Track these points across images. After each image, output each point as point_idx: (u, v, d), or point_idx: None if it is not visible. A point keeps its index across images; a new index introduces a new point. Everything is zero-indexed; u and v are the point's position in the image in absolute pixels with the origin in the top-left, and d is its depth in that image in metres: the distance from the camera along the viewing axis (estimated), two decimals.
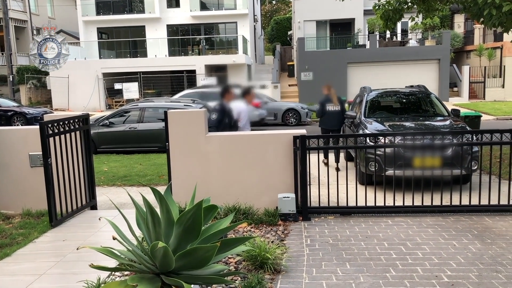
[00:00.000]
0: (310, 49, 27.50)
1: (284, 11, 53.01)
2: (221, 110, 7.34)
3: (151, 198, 3.47)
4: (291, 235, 5.45)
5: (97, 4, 30.02)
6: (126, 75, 26.24)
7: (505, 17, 7.42)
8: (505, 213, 5.92)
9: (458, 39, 28.97)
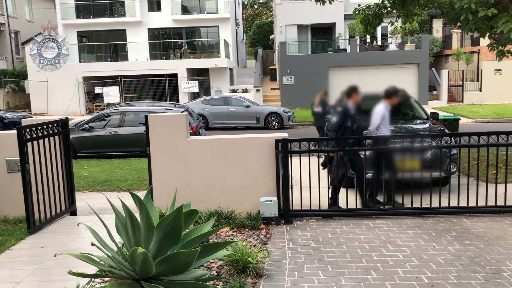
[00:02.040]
0: (291, 53, 27.65)
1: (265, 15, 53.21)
2: (343, 113, 6.60)
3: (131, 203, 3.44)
4: (273, 238, 5.45)
5: (77, 8, 29.68)
6: (107, 79, 25.97)
7: (481, 22, 7.57)
8: (483, 214, 6.03)
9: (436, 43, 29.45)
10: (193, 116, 12.85)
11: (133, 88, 27.23)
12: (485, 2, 7.21)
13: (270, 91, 29.06)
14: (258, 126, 19.15)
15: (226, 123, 19.32)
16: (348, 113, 6.59)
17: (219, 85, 27.41)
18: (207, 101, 20.04)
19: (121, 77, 26.19)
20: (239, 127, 19.38)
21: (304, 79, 26.19)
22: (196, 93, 26.12)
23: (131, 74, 26.45)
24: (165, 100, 25.88)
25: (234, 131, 18.28)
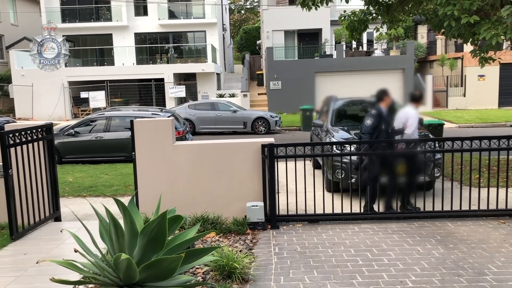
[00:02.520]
0: (278, 59, 27.76)
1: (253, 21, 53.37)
2: (377, 116, 6.60)
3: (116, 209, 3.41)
4: (260, 243, 5.45)
5: (62, 12, 29.45)
6: (93, 84, 25.77)
7: (463, 28, 7.69)
8: (467, 218, 6.10)
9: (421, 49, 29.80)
10: (180, 121, 12.82)
11: (120, 93, 27.05)
12: (467, 9, 7.32)
13: (257, 96, 29.11)
14: (245, 131, 19.15)
15: (213, 128, 19.30)
16: (382, 115, 6.62)
17: (206, 90, 27.38)
18: (194, 106, 20.00)
19: (107, 81, 26.02)
20: (226, 132, 19.36)
21: (291, 84, 26.31)
22: (183, 98, 26.06)
23: (117, 79, 26.28)
24: (152, 105, 25.77)
25: (221, 136, 18.26)
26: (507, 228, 5.70)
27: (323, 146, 6.59)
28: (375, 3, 10.28)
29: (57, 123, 21.30)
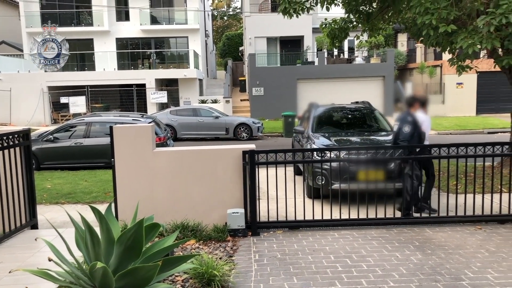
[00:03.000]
0: (261, 65, 27.86)
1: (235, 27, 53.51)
2: (413, 123, 6.66)
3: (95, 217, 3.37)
4: (240, 250, 5.44)
5: (42, 16, 29.08)
6: (73, 89, 25.46)
7: (441, 37, 7.83)
8: (444, 224, 6.19)
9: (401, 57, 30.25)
10: (161, 127, 12.74)
11: (100, 98, 26.78)
12: (445, 18, 7.47)
13: (240, 102, 29.15)
14: (227, 137, 19.14)
15: (195, 134, 19.23)
16: (416, 122, 6.70)
17: (188, 96, 27.30)
18: (176, 111, 19.91)
19: (88, 86, 25.74)
20: (208, 138, 19.31)
21: (273, 90, 26.41)
22: (165, 104, 25.92)
23: (98, 84, 26.02)
24: (133, 110, 25.56)
25: (203, 142, 18.20)
26: (483, 234, 5.80)
27: (304, 153, 6.62)
28: (355, 11, 10.42)
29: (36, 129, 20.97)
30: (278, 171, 6.35)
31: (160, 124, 13.04)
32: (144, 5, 29.45)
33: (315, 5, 10.15)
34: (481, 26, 7.03)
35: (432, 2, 7.52)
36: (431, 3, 7.52)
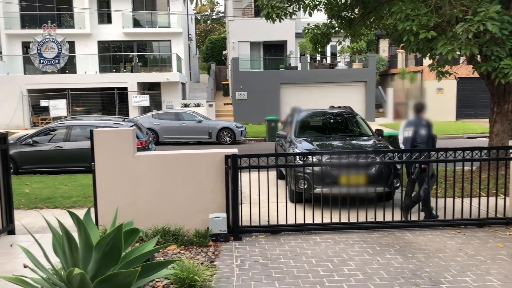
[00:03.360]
0: (244, 69, 27.88)
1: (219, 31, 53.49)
2: (429, 126, 6.91)
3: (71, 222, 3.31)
4: (222, 255, 5.40)
5: (22, 17, 28.63)
6: (54, 92, 25.07)
7: (422, 43, 7.95)
8: (425, 228, 6.25)
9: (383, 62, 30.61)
10: (143, 131, 12.62)
11: (81, 102, 26.44)
12: (425, 25, 7.58)
13: (223, 106, 29.11)
14: (210, 141, 19.07)
15: (178, 138, 19.11)
16: (430, 125, 6.95)
17: (171, 100, 27.15)
18: (158, 115, 19.77)
19: (69, 90, 25.39)
20: (191, 142, 19.22)
21: (256, 95, 26.44)
22: (147, 107, 25.73)
23: (79, 87, 25.70)
24: (115, 114, 25.28)
25: (186, 146, 18.10)
26: (463, 237, 5.88)
27: (286, 157, 6.63)
28: (337, 17, 10.51)
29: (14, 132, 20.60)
30: (260, 175, 6.34)
31: (142, 128, 12.92)
32: (126, 8, 29.23)
33: (298, 10, 10.22)
34: (460, 32, 7.16)
35: (413, 9, 7.63)
36: (412, 9, 7.63)
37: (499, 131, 9.26)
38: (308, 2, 10.14)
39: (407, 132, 7.04)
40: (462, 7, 7.51)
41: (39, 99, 24.94)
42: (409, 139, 6.93)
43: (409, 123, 7.11)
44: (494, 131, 9.37)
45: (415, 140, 6.82)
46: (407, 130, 7.05)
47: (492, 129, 9.47)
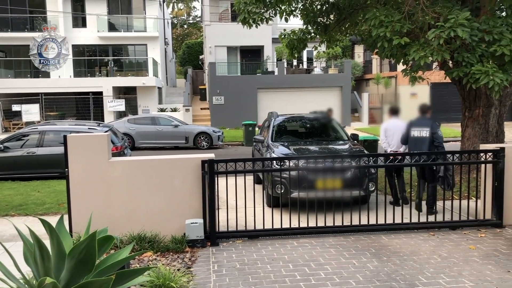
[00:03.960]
0: (221, 74, 27.87)
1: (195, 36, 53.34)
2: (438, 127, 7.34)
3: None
4: (199, 261, 5.37)
5: None
6: (26, 96, 24.53)
7: (395, 49, 8.09)
8: (399, 231, 6.34)
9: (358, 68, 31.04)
10: (118, 136, 12.46)
11: (55, 106, 25.94)
12: (398, 31, 7.72)
13: (200, 111, 29.00)
14: (187, 146, 18.96)
15: (154, 143, 18.94)
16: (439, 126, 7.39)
17: (147, 104, 26.90)
18: (134, 120, 19.55)
19: (42, 94, 24.90)
20: (167, 147, 19.06)
21: (233, 99, 26.45)
22: (123, 112, 25.43)
23: (53, 92, 25.22)
24: (90, 119, 24.90)
25: (162, 151, 17.95)
26: (436, 240, 5.99)
27: (263, 162, 6.65)
28: (313, 23, 10.61)
29: None
30: (238, 180, 6.33)
31: (117, 133, 12.76)
32: (101, 12, 28.87)
33: (274, 16, 10.27)
34: (432, 39, 7.31)
35: (386, 16, 7.77)
36: (386, 16, 7.76)
37: (470, 135, 9.47)
38: (284, 8, 10.21)
39: (416, 132, 7.31)
40: (433, 14, 7.68)
41: (11, 104, 24.37)
42: (419, 139, 7.22)
43: (416, 123, 7.42)
44: (465, 135, 9.59)
45: (433, 141, 7.13)
46: (414, 130, 7.32)
47: (463, 134, 9.68)
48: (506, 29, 7.44)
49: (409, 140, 7.39)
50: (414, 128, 7.39)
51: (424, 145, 7.13)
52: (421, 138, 7.23)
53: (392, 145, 7.92)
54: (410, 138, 7.39)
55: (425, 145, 7.13)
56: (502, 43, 7.29)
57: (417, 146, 7.20)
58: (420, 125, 7.33)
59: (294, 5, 10.51)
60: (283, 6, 10.00)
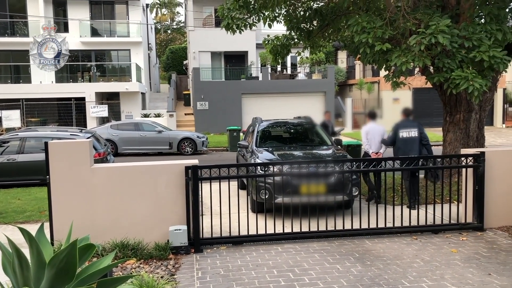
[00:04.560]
0: (205, 79, 27.82)
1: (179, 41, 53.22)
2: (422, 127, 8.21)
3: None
4: (182, 268, 5.33)
5: None
6: (7, 102, 24.12)
7: (377, 55, 8.19)
8: (383, 235, 6.39)
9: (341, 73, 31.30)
10: (101, 142, 12.33)
11: (37, 112, 25.57)
12: (380, 37, 7.82)
13: (184, 116, 28.89)
14: (171, 151, 18.85)
15: (137, 149, 18.79)
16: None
17: (130, 110, 26.70)
18: (117, 126, 19.38)
19: (23, 100, 24.53)
20: (151, 153, 18.94)
21: (218, 104, 26.42)
22: (106, 118, 25.19)
23: (34, 97, 24.86)
24: (72, 125, 24.61)
25: (146, 157, 17.82)
26: (419, 244, 6.04)
27: (247, 167, 6.64)
28: (296, 28, 10.68)
29: None
30: (222, 186, 6.31)
31: (100, 139, 12.62)
32: (84, 17, 28.62)
33: (258, 22, 10.31)
34: (413, 45, 7.42)
35: (369, 22, 7.86)
36: (368, 22, 7.85)
37: (452, 139, 9.61)
38: (268, 14, 10.26)
39: (405, 133, 8.03)
40: (415, 20, 7.80)
41: None
42: (409, 140, 7.96)
43: (404, 125, 8.14)
44: (447, 140, 9.73)
45: (421, 140, 7.98)
46: (403, 132, 8.04)
47: (445, 138, 9.82)
48: (485, 35, 7.59)
49: (399, 140, 8.01)
50: (402, 129, 8.03)
51: (415, 145, 7.87)
52: (411, 138, 7.94)
53: (374, 146, 8.55)
54: (399, 139, 8.01)
55: (415, 144, 7.87)
56: (481, 49, 7.43)
57: (407, 146, 7.90)
58: (408, 127, 8.04)
59: (278, 11, 10.57)
60: (266, 12, 10.05)
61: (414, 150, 7.84)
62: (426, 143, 7.93)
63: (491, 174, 6.55)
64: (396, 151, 8.12)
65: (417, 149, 7.86)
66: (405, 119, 8.21)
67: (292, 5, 10.39)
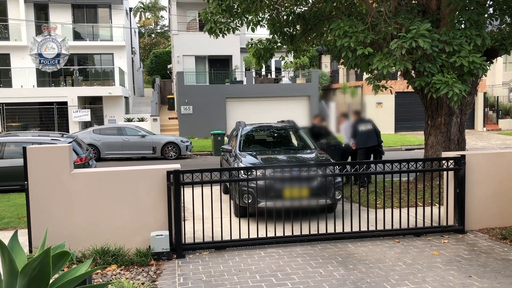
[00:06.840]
0: (189, 83, 27.74)
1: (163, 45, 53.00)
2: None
3: None
4: (164, 274, 5.26)
5: None
6: None
7: (359, 59, 8.25)
8: (365, 239, 6.40)
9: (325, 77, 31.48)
10: (83, 147, 12.17)
11: (18, 117, 25.19)
12: (362, 41, 7.87)
13: (168, 121, 28.73)
14: (154, 156, 18.71)
15: (120, 154, 18.60)
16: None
17: (113, 114, 26.47)
18: (99, 130, 19.18)
19: (3, 104, 24.15)
20: (134, 157, 18.77)
21: (202, 109, 26.34)
22: (88, 122, 24.91)
23: (15, 102, 24.49)
24: (54, 130, 24.28)
25: (129, 162, 17.65)
26: (401, 247, 6.07)
27: (230, 171, 6.60)
28: (280, 33, 10.71)
29: None
30: (205, 191, 6.26)
31: (81, 143, 12.46)
32: (66, 20, 28.33)
33: (241, 26, 10.30)
34: (395, 49, 7.48)
35: (351, 26, 7.91)
36: (350, 27, 7.90)
37: (433, 143, 9.71)
38: (251, 18, 10.26)
39: (364, 127, 10.25)
40: (396, 25, 7.87)
41: None
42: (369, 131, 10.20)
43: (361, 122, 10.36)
44: (429, 143, 9.82)
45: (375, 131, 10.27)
46: (363, 126, 10.24)
47: (427, 141, 9.92)
48: (465, 40, 7.69)
49: (360, 133, 10.14)
50: (360, 125, 10.28)
51: (373, 135, 10.20)
52: (369, 130, 10.21)
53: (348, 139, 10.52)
54: (360, 132, 10.16)
55: (373, 135, 10.20)
56: (461, 54, 7.53)
57: (369, 136, 10.18)
58: (364, 122, 10.37)
59: (261, 15, 10.58)
60: (250, 16, 10.05)
61: (372, 139, 10.18)
62: (378, 134, 10.37)
63: (471, 177, 6.62)
64: (358, 141, 10.21)
65: (375, 138, 10.22)
66: (360, 118, 10.44)
67: (275, 9, 10.42)
